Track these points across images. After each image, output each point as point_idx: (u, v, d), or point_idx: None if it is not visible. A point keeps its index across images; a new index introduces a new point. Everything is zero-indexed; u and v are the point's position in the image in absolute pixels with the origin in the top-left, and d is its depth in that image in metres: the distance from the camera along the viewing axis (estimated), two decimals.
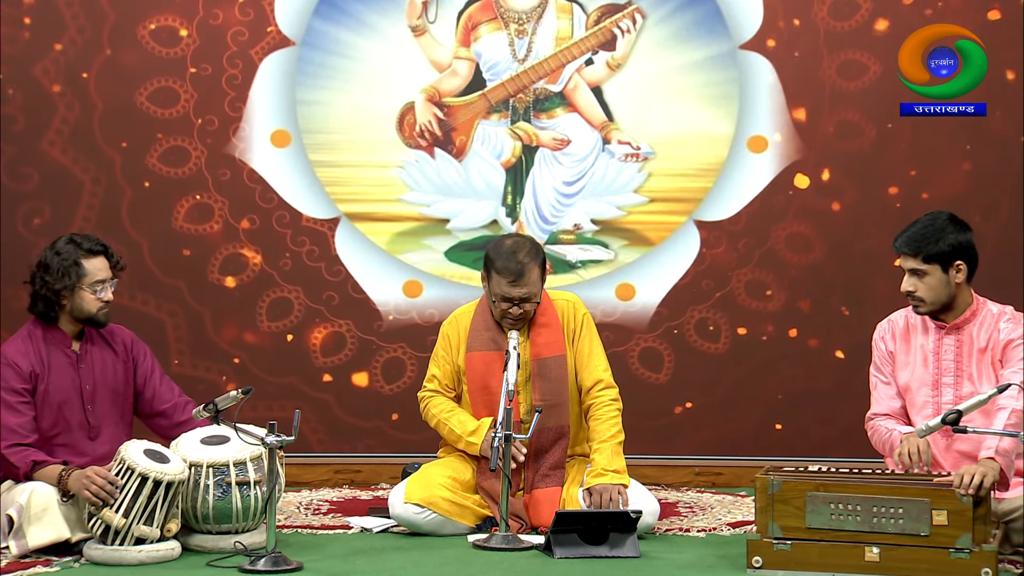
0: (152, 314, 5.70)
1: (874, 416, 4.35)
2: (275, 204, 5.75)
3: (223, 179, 5.73)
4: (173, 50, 5.70)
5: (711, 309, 5.77)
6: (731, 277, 5.76)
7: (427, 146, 5.80)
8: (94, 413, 4.45)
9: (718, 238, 5.76)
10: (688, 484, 5.67)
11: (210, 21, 5.71)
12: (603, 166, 5.80)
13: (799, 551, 3.88)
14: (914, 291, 4.19)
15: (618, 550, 4.18)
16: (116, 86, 5.69)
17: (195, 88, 5.71)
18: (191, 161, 5.72)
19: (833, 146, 5.73)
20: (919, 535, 3.80)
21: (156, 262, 5.71)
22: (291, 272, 5.76)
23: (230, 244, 5.74)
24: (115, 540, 4.09)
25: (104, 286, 4.42)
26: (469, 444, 4.57)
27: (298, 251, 5.77)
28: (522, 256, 4.53)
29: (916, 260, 4.18)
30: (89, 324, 4.45)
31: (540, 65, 5.79)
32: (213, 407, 4.12)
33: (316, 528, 4.70)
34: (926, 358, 4.26)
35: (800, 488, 3.90)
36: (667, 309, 5.77)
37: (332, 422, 5.76)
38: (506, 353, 4.48)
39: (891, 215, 5.64)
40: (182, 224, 5.72)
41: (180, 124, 5.71)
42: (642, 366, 5.78)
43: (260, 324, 5.75)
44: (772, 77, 5.73)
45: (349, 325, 5.78)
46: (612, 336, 5.68)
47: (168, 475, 4.12)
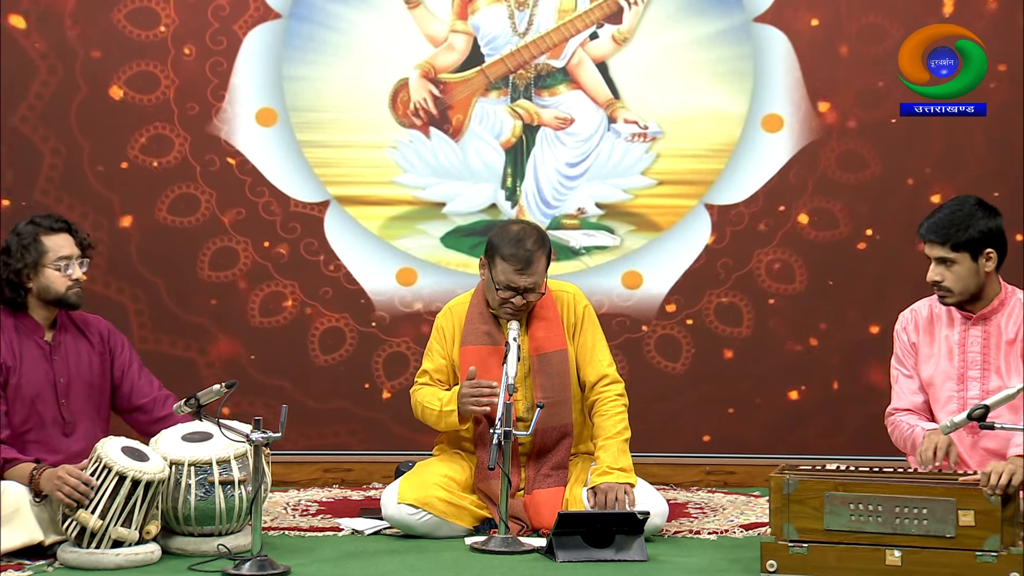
0: (126, 302, 5.72)
1: (895, 411, 4.35)
2: (260, 187, 5.75)
3: (204, 160, 5.72)
4: (150, 32, 5.70)
5: (722, 298, 5.77)
6: (744, 263, 5.76)
7: (422, 125, 5.80)
8: (69, 408, 4.45)
9: (730, 223, 5.76)
10: (699, 483, 5.68)
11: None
12: (608, 147, 5.80)
13: (816, 555, 3.88)
14: (941, 281, 4.17)
15: (624, 553, 4.19)
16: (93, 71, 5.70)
17: (175, 67, 5.70)
18: (174, 150, 5.71)
19: (854, 125, 5.72)
20: (944, 537, 3.80)
21: (138, 250, 5.74)
22: (277, 259, 5.76)
23: (212, 231, 5.73)
24: (91, 543, 4.09)
25: (70, 262, 4.41)
26: (448, 415, 4.54)
27: (286, 237, 5.76)
28: (530, 244, 4.53)
29: (944, 248, 4.16)
30: (61, 306, 4.44)
31: (542, 39, 5.78)
32: (195, 402, 4.11)
33: (304, 530, 4.71)
34: (951, 350, 4.26)
35: (817, 488, 3.89)
36: (676, 298, 5.77)
37: (321, 418, 5.78)
38: (505, 345, 4.48)
39: (917, 192, 5.64)
40: (166, 215, 5.73)
41: (160, 110, 5.69)
42: (649, 359, 5.78)
43: (251, 319, 5.75)
44: (788, 51, 5.73)
45: (341, 316, 5.77)
46: (617, 327, 5.69)
47: (147, 474, 4.12)
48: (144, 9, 5.70)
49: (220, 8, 5.71)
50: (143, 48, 5.70)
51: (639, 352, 5.77)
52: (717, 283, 5.77)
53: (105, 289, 5.66)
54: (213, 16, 5.71)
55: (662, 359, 5.78)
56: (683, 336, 5.78)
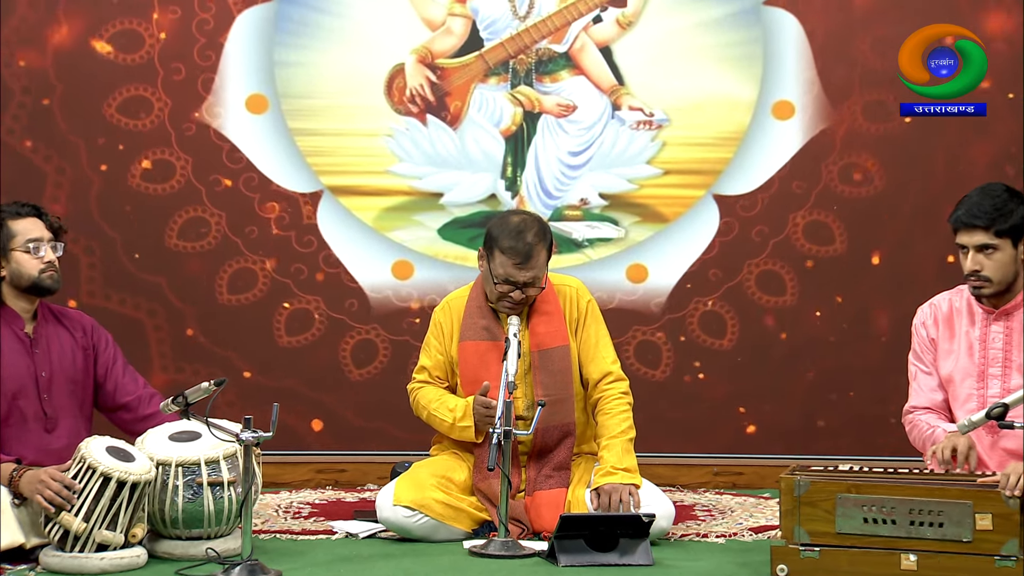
0: (131, 314, 5.73)
1: (913, 409, 4.35)
2: (249, 175, 5.74)
3: (192, 146, 5.72)
4: (135, 20, 5.70)
5: (729, 293, 5.76)
6: (751, 260, 5.75)
7: (418, 112, 5.79)
8: (51, 403, 4.44)
9: (738, 214, 5.75)
10: (706, 485, 5.69)
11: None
12: (612, 135, 5.79)
13: (828, 559, 3.88)
14: (980, 270, 4.15)
15: (629, 557, 4.18)
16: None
17: (162, 49, 5.70)
18: (153, 114, 5.70)
19: (867, 113, 5.71)
20: (960, 541, 3.79)
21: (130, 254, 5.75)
22: (269, 250, 5.75)
23: (191, 206, 5.72)
24: (75, 546, 4.09)
25: (41, 244, 4.41)
26: (463, 430, 4.57)
27: (275, 226, 5.76)
28: (531, 236, 4.52)
29: (987, 234, 4.13)
30: (37, 292, 4.42)
31: (543, 23, 5.78)
32: (183, 400, 4.11)
33: (296, 533, 4.71)
34: (971, 346, 4.25)
35: (829, 489, 3.89)
36: (682, 292, 5.77)
37: (313, 417, 5.78)
38: (505, 341, 4.48)
39: (938, 179, 5.64)
40: (139, 182, 5.73)
41: (144, 73, 5.69)
42: (653, 356, 5.77)
43: (255, 323, 5.76)
44: (800, 35, 5.72)
45: (333, 310, 5.77)
46: (621, 323, 5.68)
47: (133, 475, 4.12)
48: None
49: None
50: (127, 8, 5.69)
51: (642, 350, 5.76)
52: (722, 280, 5.76)
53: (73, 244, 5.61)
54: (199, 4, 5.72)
55: (666, 357, 5.78)
56: (685, 335, 5.77)
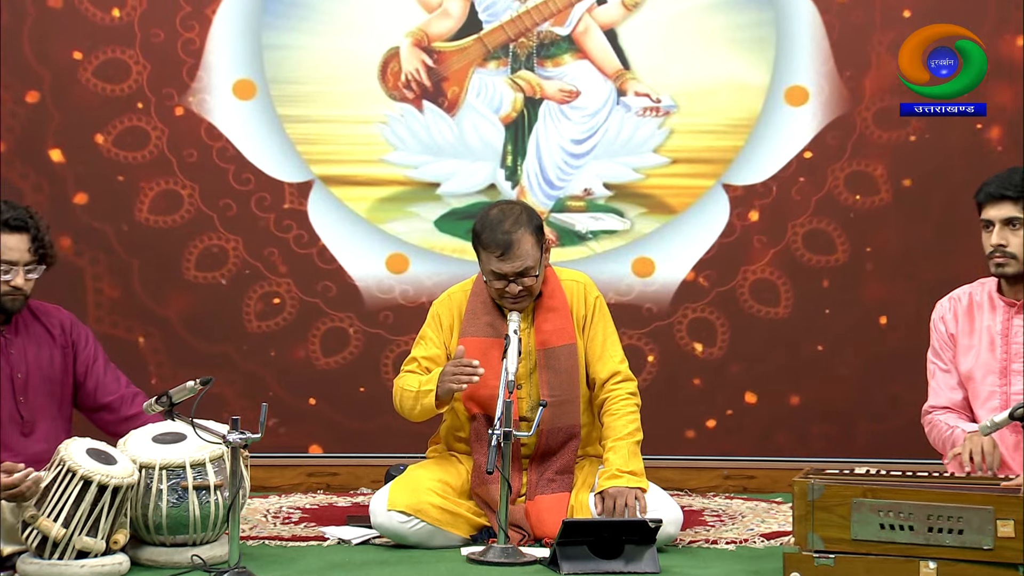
0: (123, 337, 5.74)
1: (932, 409, 4.35)
2: (238, 165, 5.74)
3: (178, 138, 5.72)
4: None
5: (736, 289, 5.77)
6: (764, 252, 5.75)
7: (414, 98, 5.79)
8: (27, 405, 4.44)
9: (750, 205, 5.75)
10: (716, 489, 5.70)
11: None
12: (618, 122, 5.79)
13: (843, 566, 3.88)
14: (1005, 245, 4.18)
15: (634, 565, 4.19)
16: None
17: (143, 36, 5.69)
18: (131, 76, 5.71)
19: (884, 99, 5.71)
20: (982, 548, 3.79)
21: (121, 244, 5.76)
22: (259, 246, 5.75)
23: (163, 177, 5.72)
24: (54, 553, 4.08)
25: (14, 268, 4.33)
26: (424, 394, 4.49)
27: (265, 219, 5.75)
28: (508, 225, 4.50)
29: (1016, 206, 4.15)
30: None
31: (545, 4, 5.78)
32: (167, 400, 4.10)
33: (286, 539, 4.71)
34: (992, 341, 4.25)
35: (844, 494, 3.89)
36: (691, 286, 5.77)
37: (304, 417, 5.77)
38: (505, 338, 4.46)
39: (965, 163, 5.65)
40: (114, 149, 5.73)
41: (123, 35, 5.68)
42: (662, 353, 5.77)
43: (247, 321, 5.75)
44: (814, 17, 5.72)
45: (325, 306, 5.77)
46: (627, 319, 5.68)
47: (115, 478, 4.11)
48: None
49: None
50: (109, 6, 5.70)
51: (646, 348, 5.76)
52: (730, 275, 5.76)
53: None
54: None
55: (670, 355, 5.78)
56: (689, 334, 5.77)
